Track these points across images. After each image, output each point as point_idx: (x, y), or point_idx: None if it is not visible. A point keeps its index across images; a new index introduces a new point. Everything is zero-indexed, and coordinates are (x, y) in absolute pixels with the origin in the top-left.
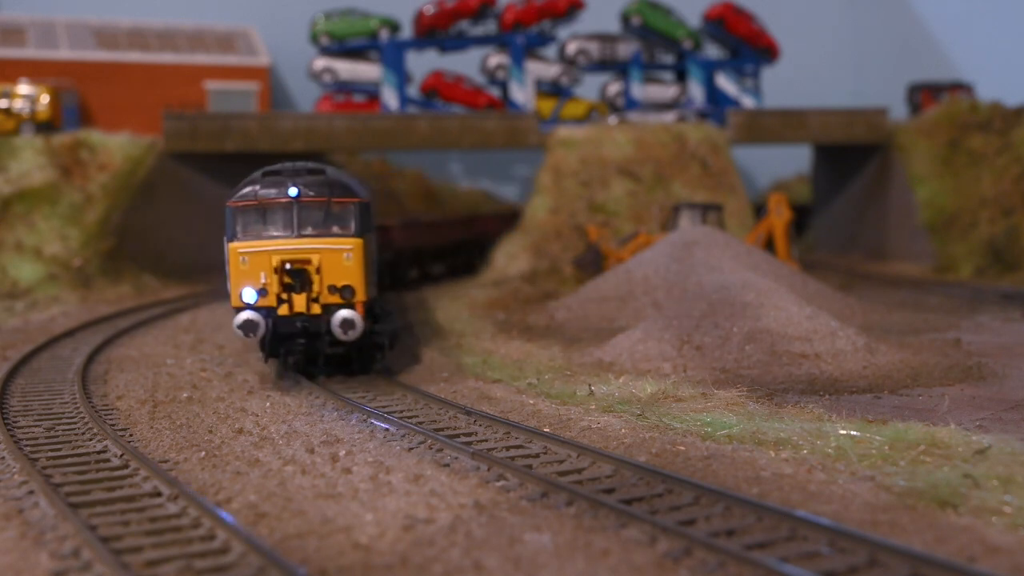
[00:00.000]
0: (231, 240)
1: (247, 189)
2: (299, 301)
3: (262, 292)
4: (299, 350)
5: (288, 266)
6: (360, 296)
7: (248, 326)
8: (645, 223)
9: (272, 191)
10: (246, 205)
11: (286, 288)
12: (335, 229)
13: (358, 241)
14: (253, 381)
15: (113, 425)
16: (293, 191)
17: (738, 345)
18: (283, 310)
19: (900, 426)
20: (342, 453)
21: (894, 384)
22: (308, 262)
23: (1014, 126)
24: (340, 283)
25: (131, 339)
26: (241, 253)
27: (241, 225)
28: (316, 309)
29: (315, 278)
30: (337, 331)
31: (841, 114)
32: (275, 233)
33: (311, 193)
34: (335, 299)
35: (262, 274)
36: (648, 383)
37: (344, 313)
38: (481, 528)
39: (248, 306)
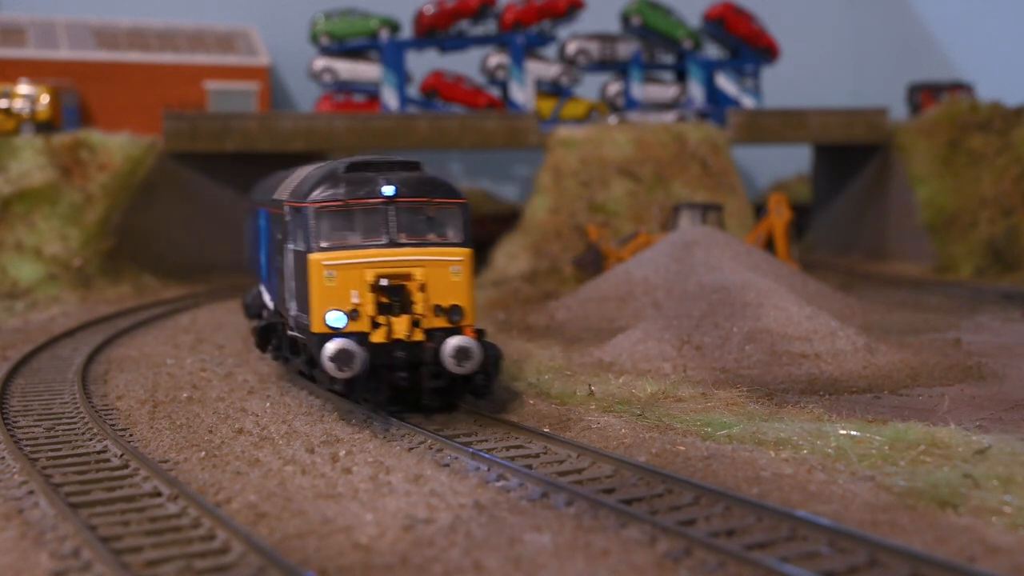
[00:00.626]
0: (310, 250)
1: (327, 186)
2: (399, 325)
3: (353, 315)
4: (398, 386)
5: (384, 282)
6: (470, 318)
7: (343, 358)
8: (645, 223)
9: (361, 189)
10: (330, 207)
11: (382, 309)
12: (438, 237)
13: (467, 252)
14: (253, 381)
15: (113, 425)
16: (389, 189)
17: (738, 345)
18: (378, 336)
19: (900, 426)
20: (342, 453)
21: (894, 384)
22: (409, 277)
23: (1014, 126)
24: (447, 302)
25: (131, 339)
26: (327, 266)
27: (323, 231)
28: (418, 335)
29: (417, 297)
30: (449, 362)
31: (841, 114)
32: (365, 242)
33: (410, 192)
34: (440, 322)
35: (353, 292)
36: (648, 383)
37: (458, 341)
38: (481, 528)
39: (336, 332)
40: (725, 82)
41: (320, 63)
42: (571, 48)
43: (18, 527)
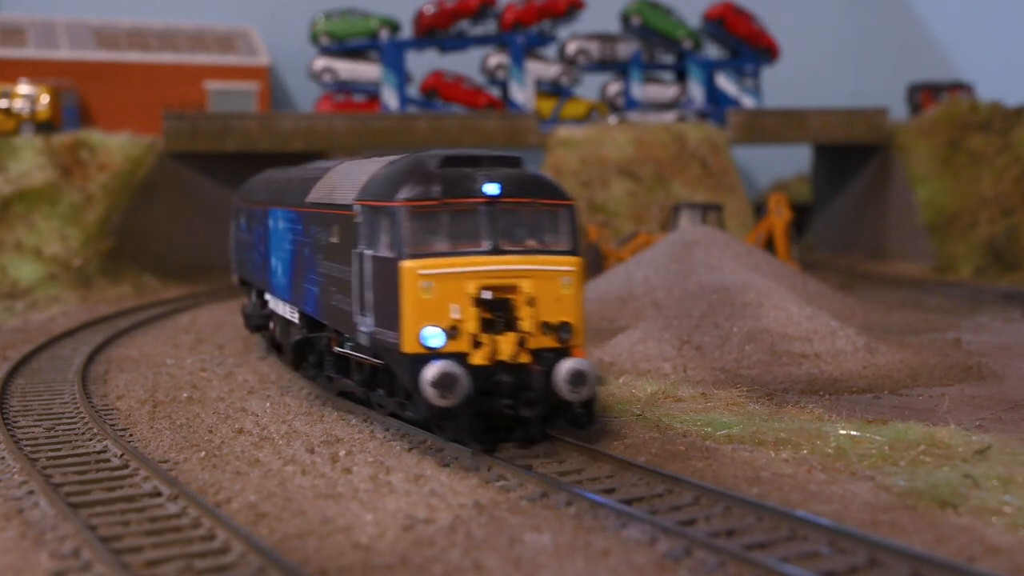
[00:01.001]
0: (400, 257)
1: (416, 182)
2: (504, 345)
3: (452, 332)
4: (500, 414)
5: (488, 295)
6: (579, 337)
7: (446, 383)
8: (645, 223)
9: (459, 187)
10: (424, 207)
11: (484, 327)
12: (544, 243)
13: (577, 261)
14: (253, 381)
15: (113, 425)
16: (492, 188)
17: (738, 345)
18: (479, 357)
19: (900, 426)
20: (342, 453)
21: (894, 384)
22: (514, 289)
23: (1014, 126)
24: (556, 319)
25: (131, 339)
26: (424, 276)
27: (416, 235)
28: (524, 356)
29: (524, 312)
30: (563, 388)
31: (841, 114)
32: (463, 248)
33: (514, 192)
34: (549, 341)
35: (453, 307)
36: (648, 383)
37: (574, 364)
38: (481, 528)
39: (432, 352)
40: (725, 82)
41: (320, 63)
42: (571, 48)
43: (18, 527)
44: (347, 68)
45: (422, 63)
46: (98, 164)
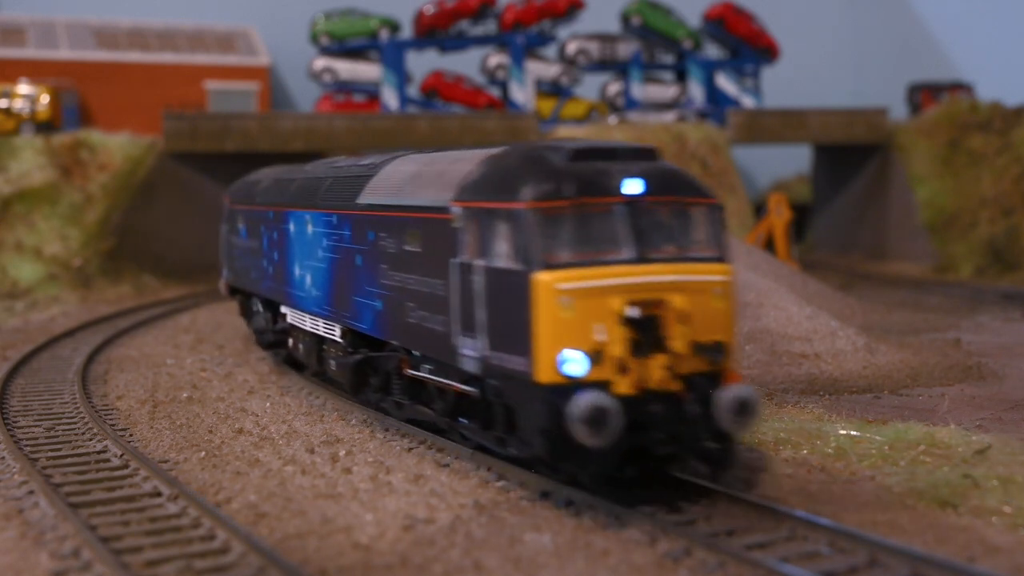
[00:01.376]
0: (531, 268)
1: (542, 179)
2: (654, 370)
3: (595, 357)
4: (653, 453)
5: (635, 312)
6: (733, 359)
7: (599, 419)
8: None
9: (594, 185)
10: (557, 208)
11: (634, 349)
12: (690, 249)
13: (728, 269)
14: (253, 381)
15: (113, 425)
16: (635, 185)
17: (738, 345)
18: (624, 385)
19: (900, 426)
20: (342, 453)
21: (894, 384)
22: (662, 304)
23: (1014, 126)
24: (709, 338)
25: (131, 339)
26: (564, 291)
27: (550, 242)
28: (673, 384)
29: (675, 331)
30: (725, 419)
31: (841, 114)
32: (604, 256)
33: (658, 189)
34: (700, 364)
35: (598, 327)
36: None
37: (739, 391)
38: (481, 528)
39: (574, 381)
40: (725, 82)
41: (320, 63)
42: (571, 48)
43: (18, 527)
44: (347, 68)
45: (422, 63)
46: (98, 164)
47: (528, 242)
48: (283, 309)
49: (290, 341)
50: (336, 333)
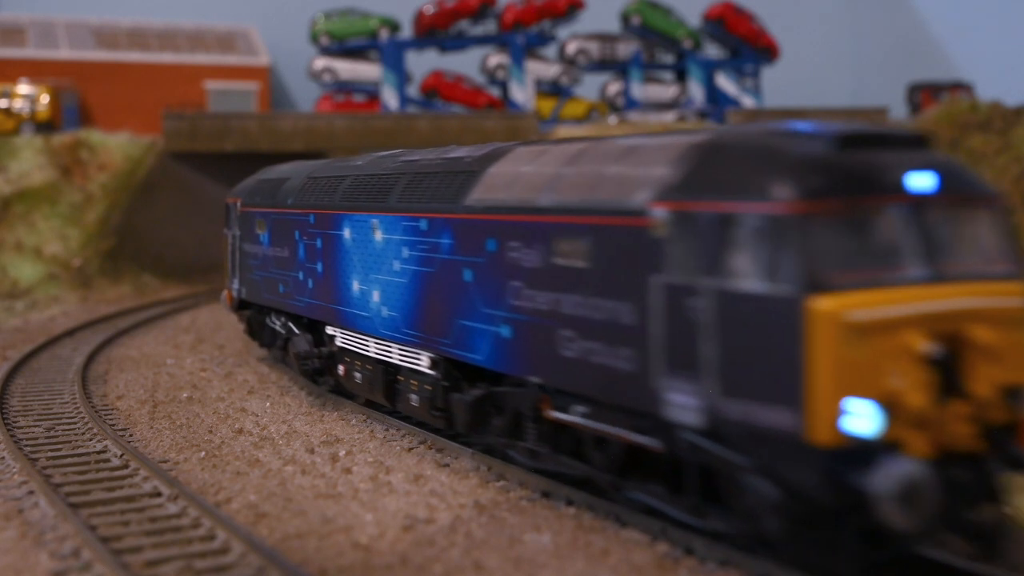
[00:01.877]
0: (800, 291)
1: (802, 172)
2: (956, 423)
3: (889, 410)
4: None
5: (937, 350)
6: None
7: (916, 496)
8: None
9: (871, 180)
10: (827, 211)
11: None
12: (987, 264)
13: None
14: (253, 381)
15: (113, 425)
16: (925, 180)
17: None
18: (922, 445)
19: None
20: (342, 453)
21: None
22: (964, 338)
23: (1014, 126)
24: (1015, 380)
25: (131, 339)
26: (853, 324)
27: (819, 257)
28: (978, 441)
29: (980, 372)
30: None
31: (841, 114)
32: (892, 274)
33: (951, 186)
34: (1004, 414)
35: (892, 369)
36: None
37: None
38: (481, 528)
39: (862, 443)
40: (725, 82)
41: (320, 63)
42: (571, 48)
43: (18, 527)
44: (347, 68)
45: (422, 63)
46: (98, 164)
47: (792, 256)
48: (329, 330)
49: (340, 368)
50: (423, 362)
